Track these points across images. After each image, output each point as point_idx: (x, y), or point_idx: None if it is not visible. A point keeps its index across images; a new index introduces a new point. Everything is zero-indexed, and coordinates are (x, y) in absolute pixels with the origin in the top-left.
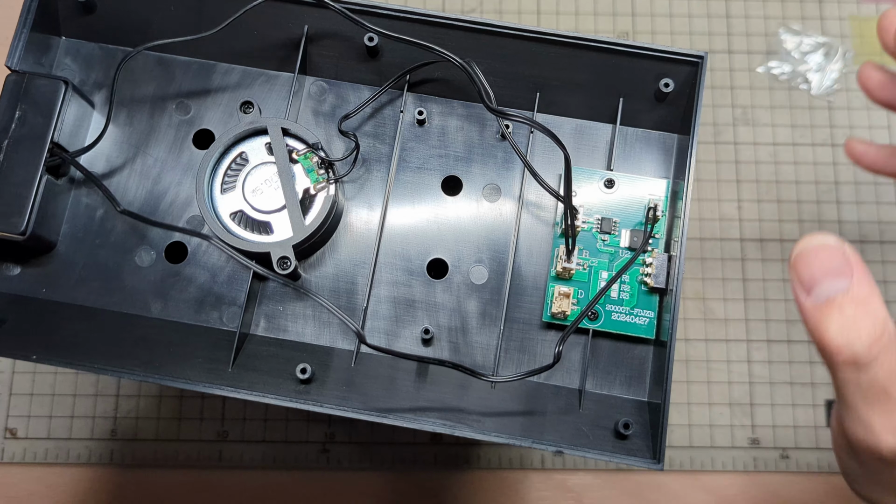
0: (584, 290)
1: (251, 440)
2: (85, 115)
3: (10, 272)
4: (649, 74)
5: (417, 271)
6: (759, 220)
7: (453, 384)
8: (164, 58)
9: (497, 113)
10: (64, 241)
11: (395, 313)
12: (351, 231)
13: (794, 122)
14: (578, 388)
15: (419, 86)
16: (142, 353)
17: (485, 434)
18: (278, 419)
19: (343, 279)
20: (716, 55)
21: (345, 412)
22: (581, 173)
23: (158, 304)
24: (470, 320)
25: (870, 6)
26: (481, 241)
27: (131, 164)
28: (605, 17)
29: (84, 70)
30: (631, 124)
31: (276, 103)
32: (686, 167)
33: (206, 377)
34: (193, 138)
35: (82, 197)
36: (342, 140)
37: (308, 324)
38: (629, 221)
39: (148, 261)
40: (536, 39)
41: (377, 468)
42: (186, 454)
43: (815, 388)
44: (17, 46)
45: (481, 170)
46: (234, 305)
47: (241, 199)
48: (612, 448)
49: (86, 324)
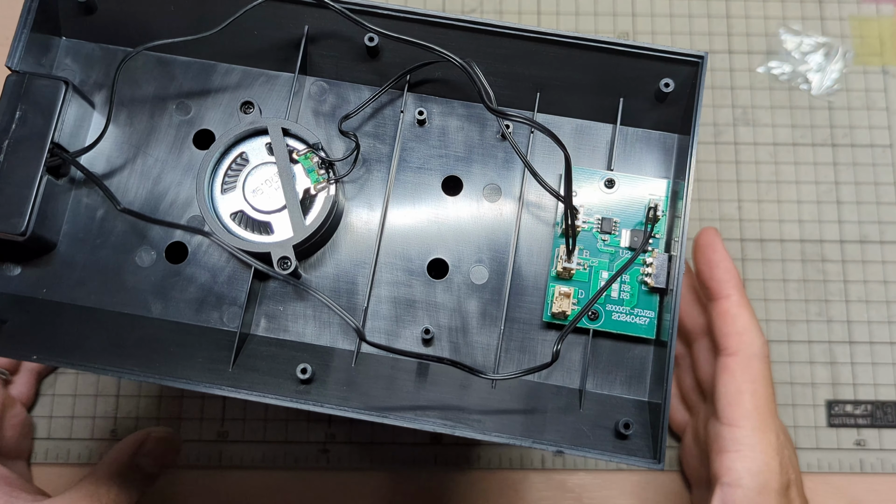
0: (584, 290)
1: (251, 440)
2: (85, 116)
3: (11, 272)
4: (649, 74)
5: (418, 271)
6: (759, 220)
7: (453, 384)
8: (164, 58)
9: (497, 113)
10: (64, 242)
11: (396, 313)
12: (351, 231)
13: (795, 122)
14: (579, 388)
15: (419, 86)
16: (142, 353)
17: (485, 434)
18: (278, 419)
19: (343, 279)
20: (716, 55)
21: (345, 412)
22: (581, 173)
23: (159, 305)
24: (470, 320)
25: (870, 6)
26: (482, 241)
27: (131, 165)
28: (606, 17)
29: (84, 70)
30: (631, 124)
31: (276, 103)
32: (686, 167)
33: (207, 377)
34: (194, 138)
35: (83, 197)
36: (342, 140)
37: (308, 324)
38: (629, 221)
39: (148, 261)
40: (536, 39)
41: (377, 468)
42: (186, 454)
43: (815, 388)
44: (18, 47)
45: (482, 170)
46: (235, 305)
47: (241, 199)
48: (613, 448)
49: (86, 324)
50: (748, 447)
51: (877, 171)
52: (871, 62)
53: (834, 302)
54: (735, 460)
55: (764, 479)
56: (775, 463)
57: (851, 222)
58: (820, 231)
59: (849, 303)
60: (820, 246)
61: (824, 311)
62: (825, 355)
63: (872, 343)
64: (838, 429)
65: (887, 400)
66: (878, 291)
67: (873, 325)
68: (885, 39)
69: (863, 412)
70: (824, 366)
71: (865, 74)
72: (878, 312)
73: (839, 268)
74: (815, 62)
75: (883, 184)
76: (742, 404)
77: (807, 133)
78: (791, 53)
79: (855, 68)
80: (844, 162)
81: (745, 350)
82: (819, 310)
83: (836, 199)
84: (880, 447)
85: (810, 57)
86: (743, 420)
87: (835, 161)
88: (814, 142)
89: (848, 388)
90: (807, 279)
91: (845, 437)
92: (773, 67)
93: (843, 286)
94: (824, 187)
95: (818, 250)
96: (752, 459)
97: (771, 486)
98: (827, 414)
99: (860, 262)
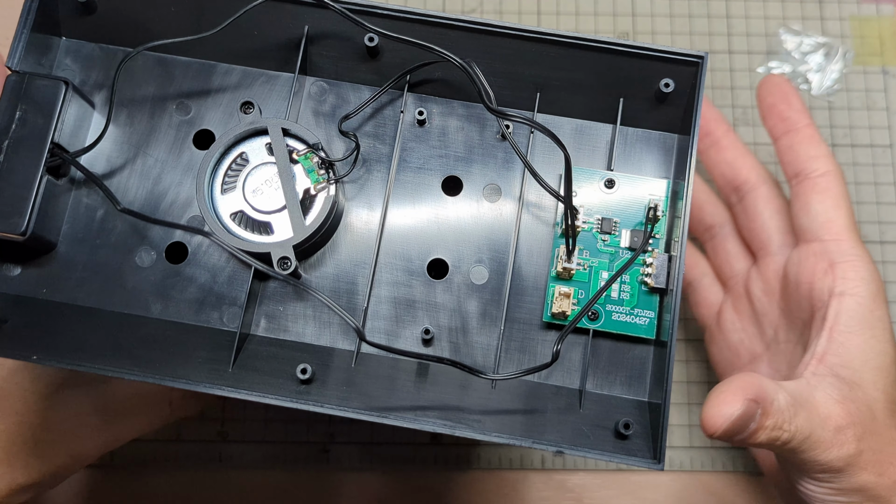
0: (584, 291)
1: (251, 440)
2: (85, 116)
3: (11, 272)
4: (649, 74)
5: (418, 271)
6: None
7: (453, 384)
8: (164, 58)
9: (497, 113)
10: (64, 242)
11: (396, 313)
12: (351, 231)
13: None
14: (579, 389)
15: (419, 86)
16: (142, 353)
17: (485, 434)
18: (278, 419)
19: (343, 279)
20: (716, 55)
21: (345, 412)
22: (581, 173)
23: (159, 305)
24: (470, 320)
25: (870, 6)
26: (482, 242)
27: (131, 165)
28: (606, 17)
29: (84, 70)
30: (631, 124)
31: (276, 103)
32: (686, 167)
33: (207, 377)
34: (194, 139)
35: (83, 197)
36: (342, 140)
37: (308, 324)
38: (629, 221)
39: (148, 261)
40: (536, 39)
41: (377, 468)
42: (186, 454)
43: None
44: (18, 47)
45: (481, 170)
46: (235, 306)
47: (241, 199)
48: (613, 448)
49: (86, 324)
50: (857, 257)
51: (877, 171)
52: (871, 62)
53: None
54: (847, 270)
55: (877, 287)
56: (878, 273)
57: None
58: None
59: None
60: None
61: None
62: None
63: None
64: None
65: None
66: None
67: None
68: (885, 39)
69: None
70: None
71: (865, 74)
72: None
73: None
74: (815, 62)
75: (883, 184)
76: (842, 219)
77: None
78: (791, 53)
79: (855, 68)
80: (844, 162)
81: (835, 169)
82: None
83: None
84: None
85: (810, 57)
86: (846, 233)
87: None
88: None
89: None
90: None
91: None
92: (774, 67)
93: None
94: None
95: None
96: (863, 268)
97: (882, 294)
98: None
99: None
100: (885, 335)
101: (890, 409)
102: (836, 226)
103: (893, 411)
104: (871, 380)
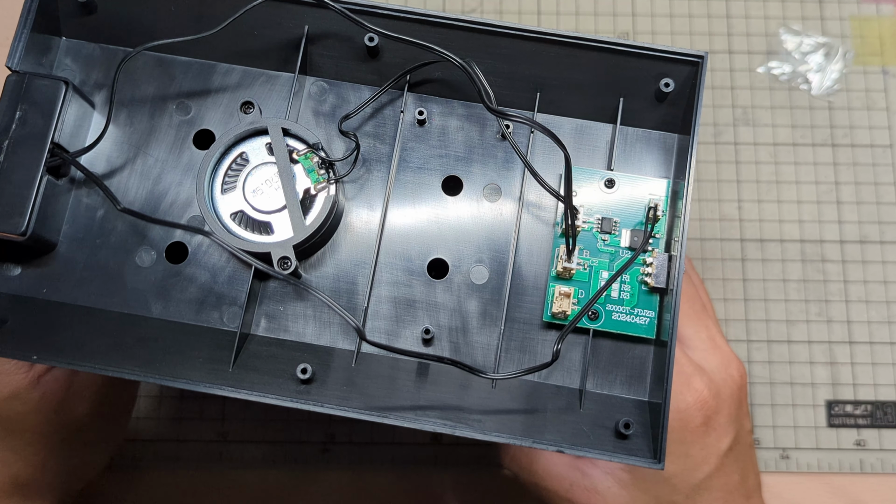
0: (584, 290)
1: (251, 440)
2: (85, 116)
3: (11, 272)
4: (649, 74)
5: (418, 271)
6: (759, 220)
7: (454, 384)
8: (164, 58)
9: (497, 113)
10: (64, 242)
11: (396, 313)
12: (351, 231)
13: (795, 122)
14: (579, 388)
15: (419, 86)
16: (142, 353)
17: (485, 434)
18: (278, 419)
19: (343, 279)
20: (716, 55)
21: (345, 412)
22: (581, 173)
23: (159, 305)
24: (470, 320)
25: (870, 6)
26: (482, 241)
27: (132, 165)
28: (606, 17)
29: (84, 70)
30: (631, 124)
31: (276, 103)
32: (686, 167)
33: (207, 377)
34: (194, 138)
35: (83, 197)
36: (342, 140)
37: (308, 324)
38: (629, 221)
39: (148, 261)
40: (536, 39)
41: (377, 468)
42: (186, 454)
43: (815, 388)
44: (18, 47)
45: (482, 170)
46: (235, 305)
47: (241, 199)
48: (613, 448)
49: (86, 324)
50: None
51: (877, 171)
52: (871, 62)
53: (834, 302)
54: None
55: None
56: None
57: (851, 222)
58: (820, 231)
59: (849, 303)
60: (820, 246)
61: (824, 311)
62: (825, 355)
63: (872, 343)
64: (838, 429)
65: (887, 400)
66: (878, 291)
67: (873, 325)
68: (885, 39)
69: (863, 412)
70: (824, 366)
71: (865, 74)
72: (878, 312)
73: (839, 268)
74: (816, 62)
75: (883, 184)
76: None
77: (807, 133)
78: (791, 53)
79: (855, 68)
80: (844, 162)
81: None
82: (819, 310)
83: (837, 200)
84: (880, 447)
85: (810, 57)
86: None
87: (835, 161)
88: (814, 142)
89: (848, 388)
90: (807, 279)
91: (845, 438)
92: (774, 67)
93: (843, 286)
94: (824, 187)
95: (818, 250)
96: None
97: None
98: (827, 414)
99: (860, 263)
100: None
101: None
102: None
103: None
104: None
